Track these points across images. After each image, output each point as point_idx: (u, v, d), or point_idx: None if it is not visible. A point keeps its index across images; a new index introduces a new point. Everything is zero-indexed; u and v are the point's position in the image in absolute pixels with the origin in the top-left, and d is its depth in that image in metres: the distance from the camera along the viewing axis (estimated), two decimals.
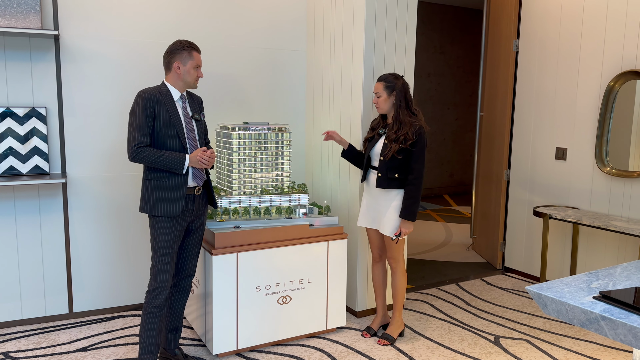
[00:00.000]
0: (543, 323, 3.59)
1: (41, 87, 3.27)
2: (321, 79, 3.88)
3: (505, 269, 4.74)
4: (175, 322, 2.91)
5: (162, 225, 2.61)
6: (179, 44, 2.65)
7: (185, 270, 2.84)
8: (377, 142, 3.13)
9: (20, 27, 3.06)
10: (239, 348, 3.04)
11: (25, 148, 3.22)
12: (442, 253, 5.32)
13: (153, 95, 2.58)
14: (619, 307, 1.48)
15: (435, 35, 8.30)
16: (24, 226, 3.31)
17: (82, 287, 3.50)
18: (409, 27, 3.57)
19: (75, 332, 3.31)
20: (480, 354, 3.12)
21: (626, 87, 3.76)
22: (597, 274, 1.80)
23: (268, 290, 3.08)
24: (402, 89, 3.05)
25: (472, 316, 3.68)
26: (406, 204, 3.03)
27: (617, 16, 3.80)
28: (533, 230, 4.48)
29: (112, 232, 3.55)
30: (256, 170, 3.22)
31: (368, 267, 3.61)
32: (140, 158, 2.53)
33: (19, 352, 3.03)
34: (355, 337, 3.33)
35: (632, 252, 3.75)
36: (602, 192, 3.94)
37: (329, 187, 3.83)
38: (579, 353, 3.15)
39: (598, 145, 3.92)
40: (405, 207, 3.03)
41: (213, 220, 3.13)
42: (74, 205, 3.42)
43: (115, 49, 3.43)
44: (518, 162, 4.59)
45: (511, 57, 4.56)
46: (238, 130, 3.14)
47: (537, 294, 1.62)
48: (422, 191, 8.44)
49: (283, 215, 3.25)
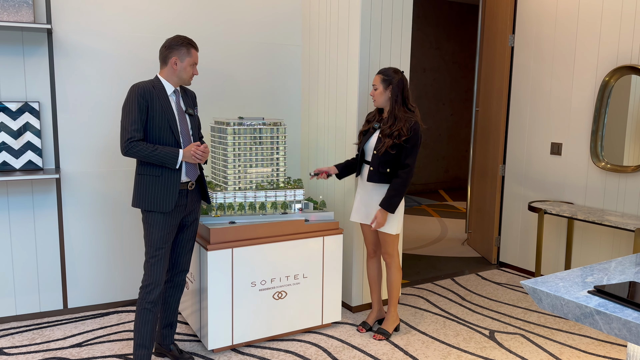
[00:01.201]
0: (538, 317, 3.60)
1: (34, 82, 3.24)
2: (316, 74, 3.87)
3: (500, 264, 4.76)
4: (170, 318, 2.90)
5: (155, 220, 2.60)
6: (178, 39, 2.62)
7: (180, 266, 2.83)
8: (372, 135, 3.12)
9: (12, 20, 3.03)
10: (234, 343, 3.04)
11: (18, 143, 3.20)
12: (437, 248, 5.33)
13: (147, 89, 2.56)
14: (613, 302, 1.49)
15: (431, 30, 8.28)
16: (17, 222, 3.29)
17: (77, 283, 3.49)
18: (405, 22, 3.56)
19: (70, 327, 3.30)
20: (475, 348, 3.13)
21: (621, 82, 3.76)
22: (591, 268, 1.80)
23: (263, 285, 3.07)
24: (399, 84, 3.04)
25: (467, 311, 3.69)
26: (389, 194, 3.00)
27: (612, 11, 3.80)
28: (528, 225, 4.49)
29: (107, 228, 3.53)
30: (251, 165, 3.21)
31: (363, 262, 3.61)
32: (133, 152, 2.52)
33: (13, 348, 3.01)
34: (350, 332, 3.33)
35: (627, 246, 3.76)
36: (597, 187, 3.95)
37: (325, 183, 3.82)
38: (573, 347, 3.17)
39: (593, 140, 3.92)
40: (387, 197, 3.01)
41: (208, 215, 3.12)
42: (67, 201, 3.40)
43: (108, 44, 3.41)
44: (513, 157, 4.59)
45: (507, 52, 4.55)
46: (233, 125, 3.13)
47: (532, 289, 1.62)
48: (418, 186, 8.46)
49: (278, 210, 3.24)
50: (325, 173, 3.24)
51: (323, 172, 3.24)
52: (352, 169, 3.29)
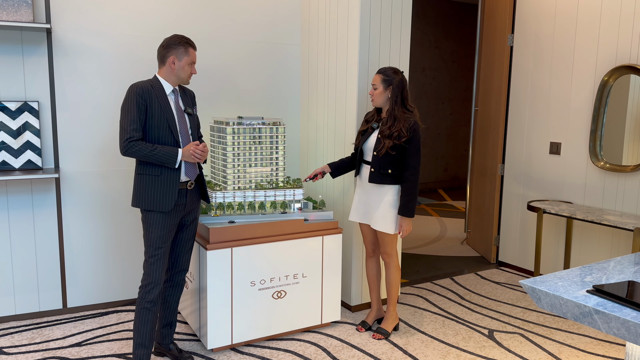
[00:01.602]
0: (537, 317, 3.61)
1: (33, 81, 3.24)
2: (316, 74, 3.87)
3: (499, 263, 4.76)
4: (169, 317, 2.90)
5: (154, 219, 2.60)
6: (175, 38, 2.63)
7: (179, 265, 2.84)
8: (370, 135, 3.12)
9: (11, 20, 3.03)
10: (233, 343, 3.04)
11: (17, 143, 3.19)
12: (436, 247, 5.34)
13: (145, 89, 2.56)
14: (612, 301, 1.49)
15: (430, 29, 8.28)
16: (17, 221, 3.29)
17: (76, 282, 3.49)
18: (404, 21, 3.56)
19: (69, 327, 3.30)
20: (474, 347, 3.13)
21: (620, 81, 3.77)
22: (590, 267, 1.81)
23: (263, 285, 3.07)
24: (399, 85, 3.04)
25: (467, 310, 3.70)
26: (404, 201, 3.02)
27: (611, 11, 3.80)
28: (527, 225, 4.49)
29: (106, 227, 3.53)
30: (251, 165, 3.21)
31: (363, 262, 3.62)
32: (132, 152, 2.52)
33: (13, 348, 3.01)
34: (350, 331, 3.33)
35: (625, 246, 3.77)
36: (596, 187, 3.95)
37: (324, 182, 3.82)
38: (572, 346, 3.17)
39: (592, 140, 3.93)
40: (403, 204, 3.02)
41: (207, 215, 3.12)
42: (67, 200, 3.40)
43: (108, 43, 3.41)
44: (512, 156, 4.60)
45: (506, 51, 4.56)
46: (232, 124, 3.13)
47: (531, 288, 1.62)
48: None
49: (278, 210, 3.24)
50: (321, 174, 3.26)
51: (318, 173, 3.25)
52: (346, 169, 3.29)
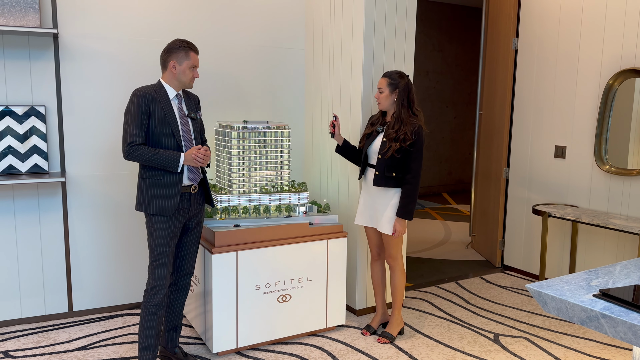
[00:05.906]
0: (542, 321, 3.60)
1: (40, 86, 3.26)
2: (320, 77, 3.88)
3: (504, 267, 4.75)
4: (174, 321, 2.91)
5: (158, 223, 2.61)
6: (176, 43, 2.64)
7: (184, 269, 2.84)
8: (375, 139, 3.13)
9: (19, 25, 3.05)
10: (238, 346, 3.04)
11: (24, 147, 3.21)
12: (441, 251, 5.33)
13: (148, 94, 2.57)
14: (619, 305, 1.49)
15: (434, 33, 8.29)
16: (23, 225, 3.31)
17: (82, 286, 3.50)
18: (409, 25, 3.57)
19: (75, 330, 3.31)
20: (479, 351, 3.13)
21: (625, 85, 3.76)
22: (596, 272, 1.80)
23: (268, 288, 3.08)
24: (405, 89, 3.05)
25: (472, 314, 3.69)
26: (403, 202, 3.04)
27: (616, 14, 3.80)
28: (532, 229, 4.48)
29: (112, 231, 3.54)
30: (256, 168, 3.21)
31: (368, 266, 3.62)
32: (135, 156, 2.53)
33: (19, 351, 3.02)
34: (354, 335, 3.33)
35: (631, 250, 3.75)
36: (601, 190, 3.94)
37: (329, 186, 3.83)
38: (578, 351, 3.16)
39: (597, 144, 3.92)
40: (402, 205, 3.04)
41: (213, 218, 3.13)
42: (73, 204, 3.42)
43: (114, 48, 3.43)
44: (517, 160, 4.59)
45: (510, 55, 4.56)
46: (237, 128, 3.14)
47: (537, 292, 1.62)
48: (421, 189, 8.45)
49: (282, 213, 3.25)
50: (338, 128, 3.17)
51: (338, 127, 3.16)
52: (350, 155, 3.26)
